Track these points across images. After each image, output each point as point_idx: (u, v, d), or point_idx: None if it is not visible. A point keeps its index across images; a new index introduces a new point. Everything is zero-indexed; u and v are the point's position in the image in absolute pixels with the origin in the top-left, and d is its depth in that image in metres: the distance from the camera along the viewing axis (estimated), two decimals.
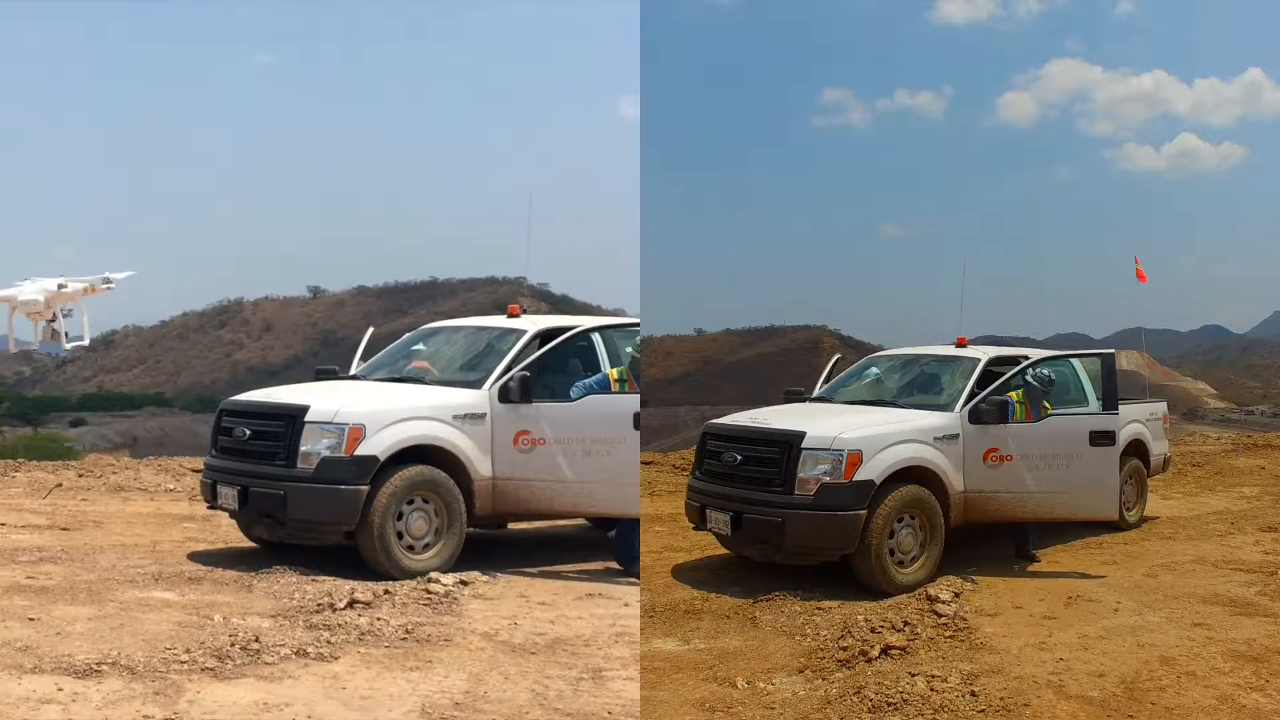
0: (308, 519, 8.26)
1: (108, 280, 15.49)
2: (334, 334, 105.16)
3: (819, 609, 7.82)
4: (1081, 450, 9.22)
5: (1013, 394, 9.24)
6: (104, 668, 5.92)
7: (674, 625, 7.60)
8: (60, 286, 14.56)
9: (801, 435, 8.35)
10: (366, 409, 8.36)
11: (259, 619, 7.11)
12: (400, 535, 8.24)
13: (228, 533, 10.06)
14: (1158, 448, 12.29)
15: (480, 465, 8.56)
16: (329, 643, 6.53)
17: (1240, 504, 13.53)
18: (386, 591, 7.68)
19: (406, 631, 6.85)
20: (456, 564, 8.48)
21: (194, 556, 9.25)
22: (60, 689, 5.62)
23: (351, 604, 7.32)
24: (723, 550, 9.60)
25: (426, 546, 8.37)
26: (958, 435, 8.98)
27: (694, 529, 9.35)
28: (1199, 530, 11.51)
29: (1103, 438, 9.21)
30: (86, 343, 15.65)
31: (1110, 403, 9.45)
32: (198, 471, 12.00)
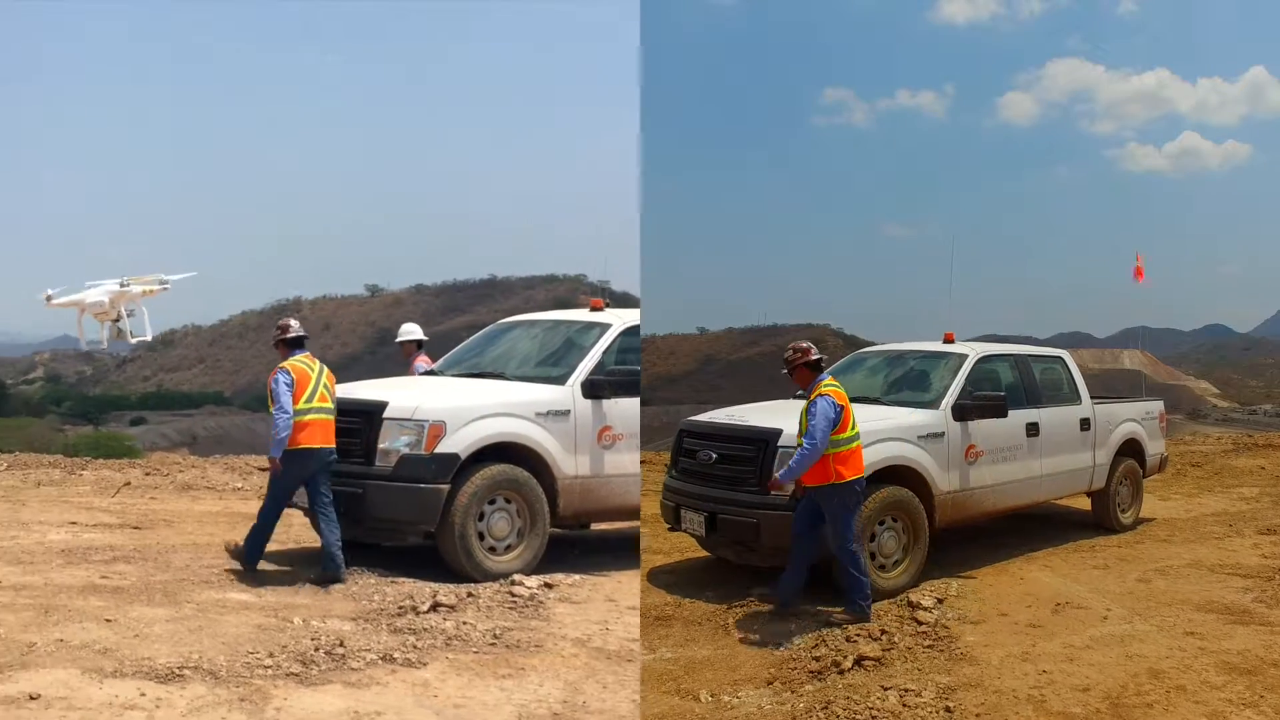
0: (387, 518, 8.01)
1: (163, 281, 15.89)
2: (391, 333, 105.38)
3: (796, 616, 7.56)
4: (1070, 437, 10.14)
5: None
6: (186, 672, 5.74)
7: (643, 633, 7.24)
8: (122, 285, 14.86)
9: (778, 433, 8.06)
10: (447, 405, 8.16)
11: (339, 622, 6.92)
12: (482, 536, 8.05)
13: (300, 532, 9.90)
14: (1154, 447, 12.03)
15: (564, 463, 8.36)
16: (415, 648, 6.32)
17: (1239, 505, 13.25)
18: (469, 594, 7.47)
19: (495, 636, 6.65)
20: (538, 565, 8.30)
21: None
22: (143, 694, 5.45)
23: (435, 607, 7.10)
24: (702, 552, 9.32)
25: (509, 548, 8.21)
26: (943, 434, 8.77)
27: (669, 530, 9.07)
28: (1196, 533, 11.23)
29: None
30: (149, 339, 15.99)
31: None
32: (264, 470, 11.84)
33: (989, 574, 9.06)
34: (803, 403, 9.43)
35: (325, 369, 8.46)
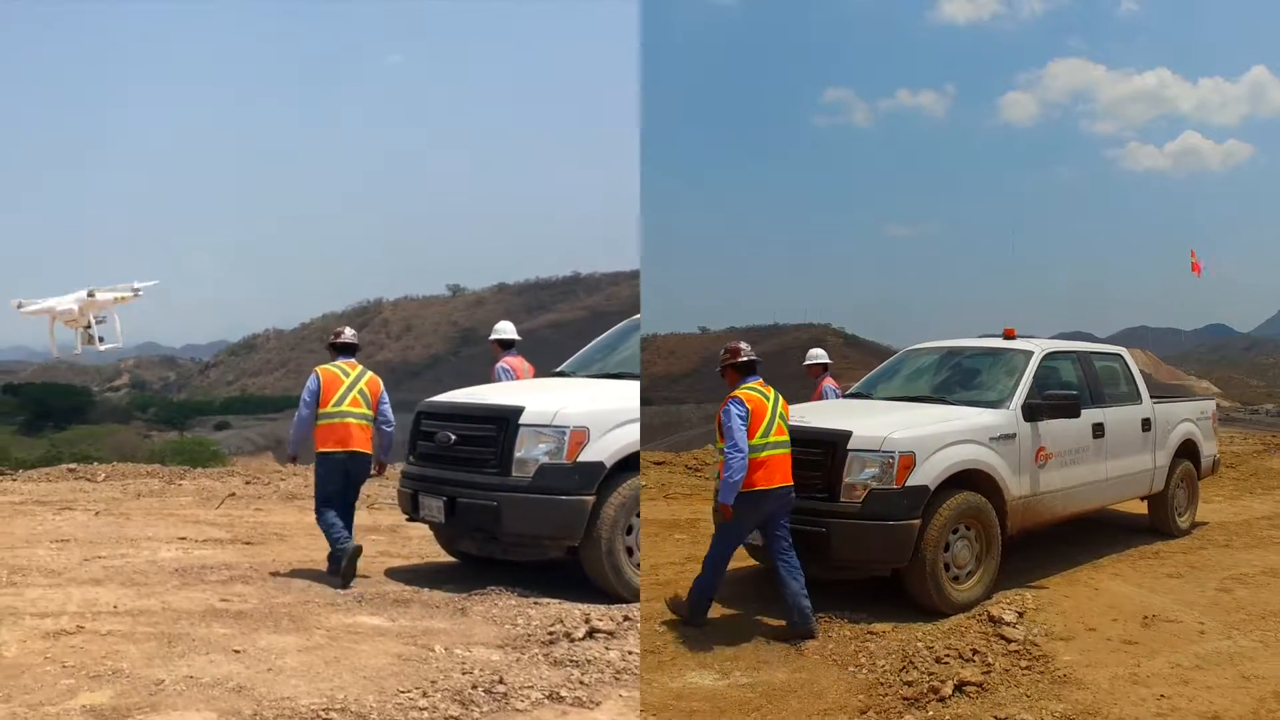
0: (527, 533, 7.66)
1: (135, 289, 15.93)
2: (474, 332, 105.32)
3: (871, 633, 7.13)
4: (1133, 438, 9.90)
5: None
6: (334, 716, 5.08)
7: (711, 653, 6.81)
8: (90, 295, 15.09)
9: (847, 435, 7.62)
10: (916, 434, 7.79)
11: (486, 650, 6.37)
12: (947, 566, 7.74)
13: (420, 545, 9.42)
14: (1208, 449, 11.71)
15: (1012, 485, 8.25)
16: (583, 683, 5.75)
17: None
18: (626, 619, 6.77)
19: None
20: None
21: (392, 574, 8.60)
22: None
23: (591, 633, 6.45)
24: (750, 561, 8.83)
25: (969, 575, 7.91)
26: (1014, 435, 8.39)
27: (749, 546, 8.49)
28: (1254, 537, 11.00)
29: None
30: (120, 345, 16.19)
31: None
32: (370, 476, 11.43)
33: (1059, 584, 8.67)
34: (861, 402, 9.11)
35: (367, 375, 8.86)
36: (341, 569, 8.17)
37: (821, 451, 7.63)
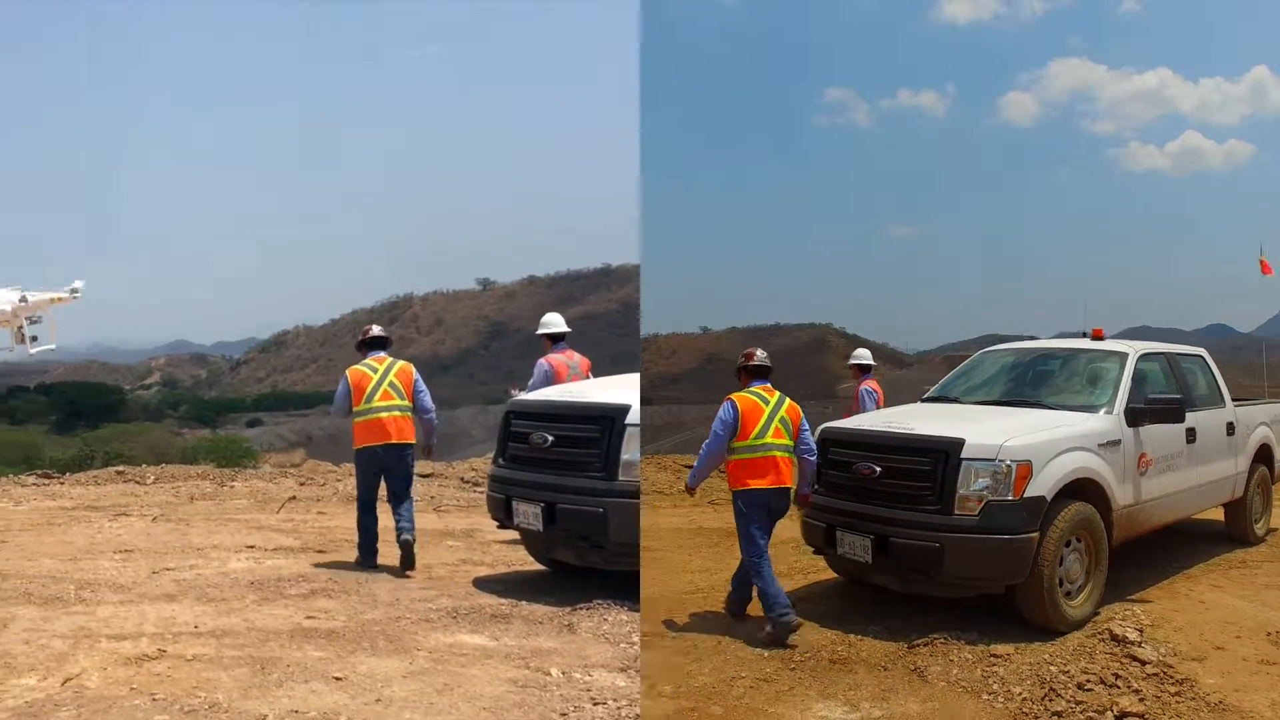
0: (971, 576, 7.18)
1: (75, 290, 15.65)
2: (505, 326, 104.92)
3: (994, 655, 6.55)
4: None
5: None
6: None
7: (829, 680, 6.29)
8: (22, 299, 14.89)
9: (959, 443, 7.11)
10: (1029, 441, 7.28)
11: (608, 674, 5.93)
12: (1060, 581, 7.25)
13: (504, 552, 8.93)
14: None
15: (1118, 494, 7.79)
16: None
17: None
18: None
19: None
20: None
21: (481, 584, 8.10)
22: None
23: None
24: (827, 573, 8.54)
25: (1079, 590, 7.45)
26: (1119, 441, 7.95)
27: (814, 553, 8.35)
28: None
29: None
30: (54, 347, 16.00)
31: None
32: (426, 476, 10.98)
33: (1159, 596, 8.19)
34: (953, 406, 8.78)
35: (397, 366, 9.01)
36: (358, 556, 8.88)
37: (929, 461, 7.17)
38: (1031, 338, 9.28)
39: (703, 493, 14.06)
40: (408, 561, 8.55)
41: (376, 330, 9.27)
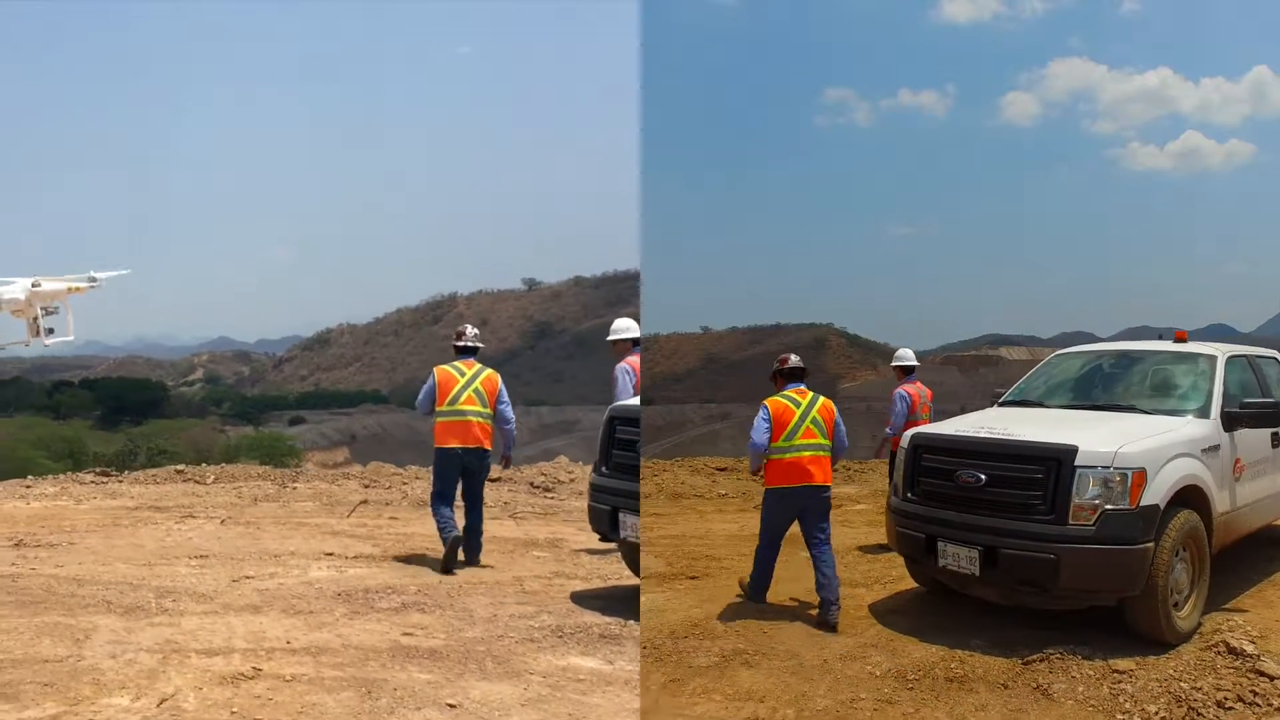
0: (1087, 588, 6.86)
1: (93, 279, 15.14)
2: (550, 326, 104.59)
3: (1116, 671, 6.23)
4: None
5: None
6: None
7: (953, 701, 5.94)
8: (35, 285, 14.34)
9: (1073, 450, 6.78)
10: (1143, 448, 6.99)
11: None
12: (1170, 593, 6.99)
13: (597, 565, 8.49)
14: None
15: (1218, 501, 7.51)
16: None
17: None
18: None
19: None
20: None
21: (578, 599, 7.69)
22: None
23: None
24: (909, 584, 8.40)
25: (1185, 600, 7.17)
26: (1218, 446, 7.70)
27: (908, 562, 8.22)
28: None
29: None
30: (71, 338, 15.53)
31: None
32: (494, 480, 10.60)
33: (1254, 605, 7.83)
34: (1048, 411, 8.48)
35: (484, 374, 9.12)
36: (444, 558, 8.68)
37: (1041, 468, 6.81)
38: (1032, 338, 8.80)
39: (751, 497, 13.68)
40: (450, 559, 8.67)
41: (471, 337, 9.38)
